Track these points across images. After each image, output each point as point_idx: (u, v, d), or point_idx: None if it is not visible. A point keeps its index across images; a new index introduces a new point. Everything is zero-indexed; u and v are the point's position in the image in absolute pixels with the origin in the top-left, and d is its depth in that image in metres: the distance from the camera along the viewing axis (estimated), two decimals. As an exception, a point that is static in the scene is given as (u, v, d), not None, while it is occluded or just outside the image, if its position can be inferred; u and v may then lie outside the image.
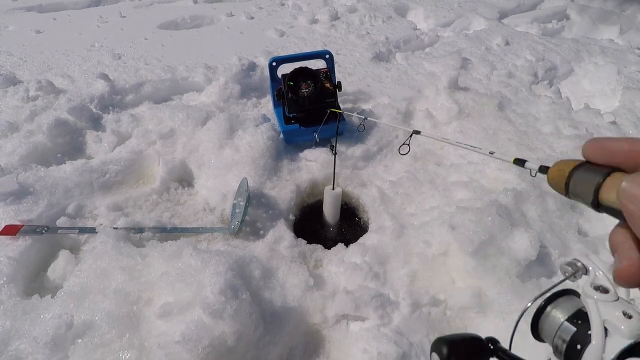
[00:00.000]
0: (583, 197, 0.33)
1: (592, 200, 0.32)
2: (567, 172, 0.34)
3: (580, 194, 0.33)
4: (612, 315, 0.35)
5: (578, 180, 0.33)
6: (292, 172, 1.70)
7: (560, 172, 0.35)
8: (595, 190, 0.31)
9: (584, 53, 2.74)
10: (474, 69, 2.49)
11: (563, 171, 0.35)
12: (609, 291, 0.37)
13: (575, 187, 0.34)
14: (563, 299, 0.41)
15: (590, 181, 0.32)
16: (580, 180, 0.33)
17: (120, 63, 2.33)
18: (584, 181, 0.33)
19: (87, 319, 1.02)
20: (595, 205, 0.32)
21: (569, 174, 0.34)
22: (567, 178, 0.34)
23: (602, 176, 0.31)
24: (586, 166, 0.34)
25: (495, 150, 1.72)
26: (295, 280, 1.26)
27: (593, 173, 0.32)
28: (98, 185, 1.55)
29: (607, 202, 0.31)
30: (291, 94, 1.66)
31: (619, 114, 2.09)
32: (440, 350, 0.38)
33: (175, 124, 1.76)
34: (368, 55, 2.58)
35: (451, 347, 0.37)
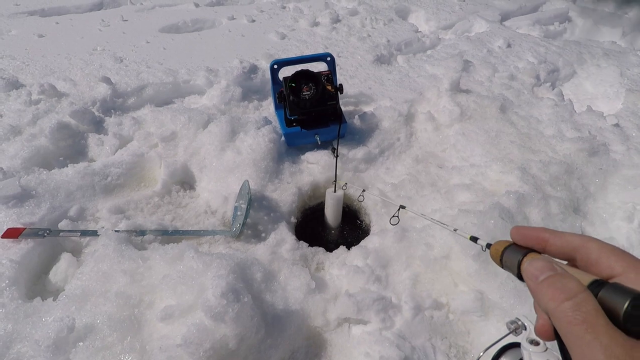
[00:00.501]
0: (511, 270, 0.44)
1: (517, 273, 0.43)
2: (500, 251, 0.46)
3: (510, 268, 0.45)
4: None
5: (507, 258, 0.45)
6: (293, 174, 1.69)
7: (496, 251, 0.47)
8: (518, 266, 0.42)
9: (586, 55, 2.74)
10: (475, 71, 2.49)
11: (498, 251, 0.47)
12: (539, 344, 0.51)
13: (506, 263, 0.45)
14: (511, 351, 0.55)
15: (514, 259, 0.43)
16: (508, 258, 0.45)
17: (122, 66, 2.34)
18: (510, 259, 0.44)
19: (88, 322, 1.02)
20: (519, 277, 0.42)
21: (501, 253, 0.46)
22: (501, 255, 0.46)
23: (521, 255, 0.42)
24: (512, 247, 0.45)
25: (498, 153, 1.72)
26: (296, 283, 1.26)
27: (515, 253, 0.44)
28: (100, 188, 1.55)
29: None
30: (292, 97, 1.66)
31: (622, 116, 2.08)
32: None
33: (177, 126, 1.77)
34: (369, 58, 2.58)
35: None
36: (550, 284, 0.36)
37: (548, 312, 0.35)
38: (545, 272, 0.38)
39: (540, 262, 0.39)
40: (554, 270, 0.38)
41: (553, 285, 0.36)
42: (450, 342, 1.21)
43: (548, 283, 0.36)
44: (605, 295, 0.34)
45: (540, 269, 0.38)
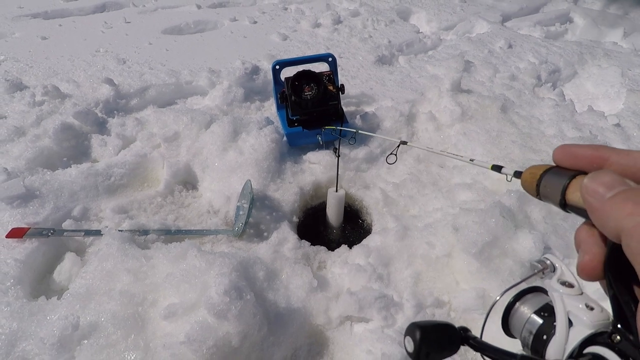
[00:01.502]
0: (552, 198, 0.36)
1: (559, 200, 0.35)
2: (537, 175, 0.37)
3: (549, 196, 0.36)
4: (575, 308, 0.37)
5: (547, 182, 0.36)
6: (295, 174, 1.70)
7: (532, 176, 0.38)
8: (562, 192, 0.34)
9: (587, 56, 2.74)
10: (476, 71, 2.49)
11: (534, 175, 0.38)
12: (574, 286, 0.40)
13: (545, 189, 0.37)
14: (531, 295, 0.44)
15: (557, 183, 0.35)
16: (549, 183, 0.36)
17: (125, 68, 2.35)
18: (552, 184, 0.36)
19: (92, 320, 1.03)
20: (562, 205, 0.35)
21: (539, 177, 0.37)
22: (538, 181, 0.37)
23: (568, 178, 0.34)
24: (554, 170, 0.36)
25: (499, 153, 1.72)
26: (299, 282, 1.26)
27: (560, 176, 0.35)
28: (103, 188, 1.57)
29: (573, 202, 0.34)
30: (294, 97, 1.67)
31: (623, 117, 2.08)
32: (414, 335, 0.39)
33: (180, 127, 1.78)
34: (371, 59, 2.59)
35: (424, 332, 0.38)
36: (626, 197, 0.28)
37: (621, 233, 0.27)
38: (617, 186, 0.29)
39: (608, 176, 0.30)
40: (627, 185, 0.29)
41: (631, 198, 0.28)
42: (452, 340, 1.21)
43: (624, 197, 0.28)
44: None
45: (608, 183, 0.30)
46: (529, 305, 0.43)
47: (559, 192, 0.35)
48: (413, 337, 0.39)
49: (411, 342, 0.39)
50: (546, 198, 0.37)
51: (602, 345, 0.32)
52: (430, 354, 0.38)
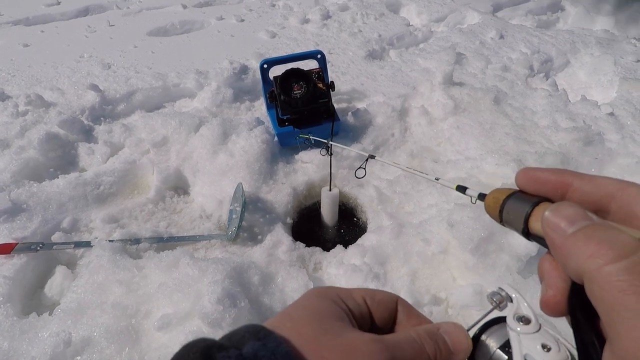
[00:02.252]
0: (515, 226, 0.34)
1: (522, 229, 0.33)
2: (500, 200, 0.35)
3: (512, 223, 0.34)
4: (532, 349, 0.35)
5: (510, 209, 0.34)
6: (288, 174, 1.68)
7: (495, 201, 0.36)
8: (525, 220, 0.32)
9: (579, 44, 2.73)
10: (468, 63, 2.47)
11: (497, 200, 0.36)
12: (531, 321, 0.37)
13: (508, 216, 0.35)
14: (497, 327, 0.41)
15: (520, 211, 0.33)
16: (511, 210, 0.34)
17: (110, 73, 2.31)
18: (515, 210, 0.34)
19: (85, 335, 1.01)
20: (525, 234, 0.33)
21: (502, 203, 0.35)
22: (501, 206, 0.35)
23: (530, 206, 0.32)
24: (517, 195, 0.34)
25: (493, 146, 1.71)
26: (294, 285, 1.24)
27: (523, 203, 0.33)
28: (92, 197, 1.54)
29: (536, 231, 0.32)
30: (283, 96, 1.64)
31: (616, 105, 2.07)
32: None
33: (168, 131, 1.75)
34: (361, 54, 2.56)
35: None
36: (589, 235, 0.26)
37: (582, 275, 0.26)
38: (579, 221, 0.27)
39: (570, 209, 0.28)
40: (590, 220, 0.28)
41: (594, 237, 0.26)
42: (451, 337, 1.20)
43: (586, 235, 0.26)
44: None
45: (570, 218, 0.28)
46: (495, 339, 0.40)
47: (522, 220, 0.33)
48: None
49: None
50: (509, 225, 0.35)
51: None
52: None
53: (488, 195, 0.38)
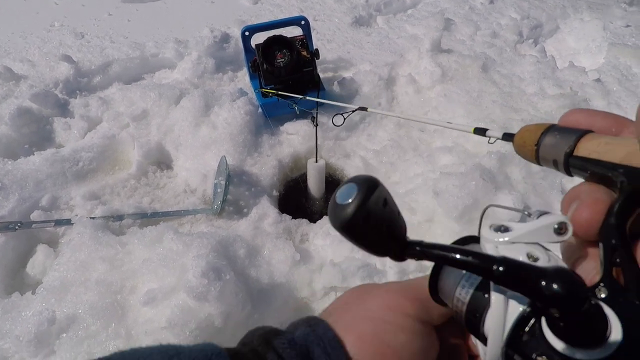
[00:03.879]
0: (556, 154, 0.31)
1: (564, 167, 0.30)
2: (540, 131, 0.32)
3: (553, 152, 0.31)
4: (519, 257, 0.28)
5: (549, 143, 0.31)
6: (273, 147, 1.65)
7: (529, 136, 0.33)
8: (573, 144, 0.29)
9: (569, 9, 2.67)
10: (457, 30, 2.41)
11: (531, 136, 0.33)
12: (511, 229, 0.29)
13: (548, 146, 0.32)
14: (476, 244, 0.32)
15: (566, 138, 0.30)
16: (551, 143, 0.31)
17: (83, 42, 2.19)
18: (558, 139, 0.31)
19: (70, 313, 1.00)
20: (568, 159, 0.30)
21: (542, 133, 0.32)
22: (537, 141, 0.32)
23: (577, 135, 0.30)
24: (556, 128, 0.32)
25: (480, 114, 1.70)
26: (281, 257, 1.25)
27: (566, 134, 0.30)
28: (71, 174, 1.49)
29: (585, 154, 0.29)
30: (266, 65, 1.59)
31: (603, 71, 2.06)
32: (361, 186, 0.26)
33: (148, 104, 1.69)
34: (347, 20, 2.48)
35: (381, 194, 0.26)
36: None
37: None
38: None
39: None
40: None
41: None
42: (436, 303, 1.23)
43: None
44: None
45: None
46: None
47: (564, 153, 0.30)
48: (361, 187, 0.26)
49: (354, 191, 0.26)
50: (547, 161, 0.32)
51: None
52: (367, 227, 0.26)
53: (518, 133, 0.35)
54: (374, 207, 0.26)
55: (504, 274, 0.24)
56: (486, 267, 0.24)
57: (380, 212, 0.27)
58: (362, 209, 0.25)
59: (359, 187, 0.26)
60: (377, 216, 0.26)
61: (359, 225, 0.26)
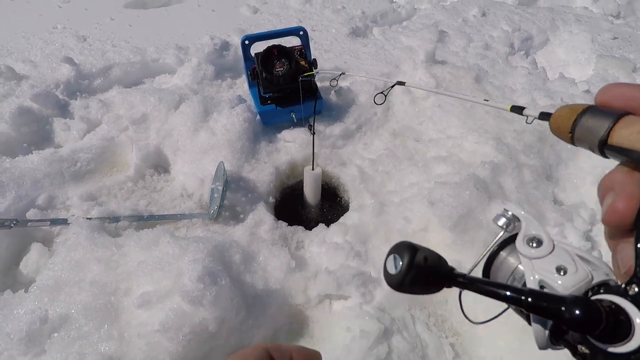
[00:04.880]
0: (589, 141, 0.31)
1: (598, 147, 0.30)
2: (574, 115, 0.32)
3: (588, 139, 0.31)
4: (546, 274, 0.32)
5: (586, 123, 0.31)
6: (270, 153, 1.67)
7: (566, 117, 0.33)
8: (607, 133, 0.30)
9: (559, 22, 2.74)
10: (450, 41, 2.46)
11: (569, 115, 0.33)
12: (543, 242, 0.33)
13: (582, 131, 0.32)
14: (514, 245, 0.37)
15: (600, 124, 0.30)
16: (588, 124, 0.31)
17: (85, 45, 2.21)
18: (592, 124, 0.31)
19: (62, 313, 1.00)
20: (602, 147, 0.30)
21: (576, 118, 0.32)
22: (574, 123, 0.32)
23: (614, 118, 0.30)
24: (594, 109, 0.31)
25: (473, 124, 1.72)
26: (276, 263, 1.26)
27: (603, 115, 0.30)
28: (69, 174, 1.50)
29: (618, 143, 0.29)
30: (265, 74, 1.61)
31: (592, 83, 2.11)
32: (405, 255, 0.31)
33: (147, 108, 1.70)
34: (344, 31, 2.52)
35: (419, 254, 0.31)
36: None
37: None
38: None
39: None
40: None
41: None
42: (429, 311, 1.24)
43: None
44: None
45: None
46: (515, 257, 0.37)
47: (601, 134, 0.30)
48: (402, 256, 0.31)
49: (399, 261, 0.31)
50: (582, 142, 0.32)
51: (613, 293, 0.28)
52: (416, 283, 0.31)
53: (555, 112, 0.34)
54: (418, 269, 0.31)
55: (531, 305, 0.29)
56: (517, 299, 0.29)
57: (424, 268, 0.31)
58: (409, 276, 0.31)
59: (401, 257, 0.31)
60: (423, 273, 0.31)
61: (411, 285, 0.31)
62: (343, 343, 1.06)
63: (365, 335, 1.05)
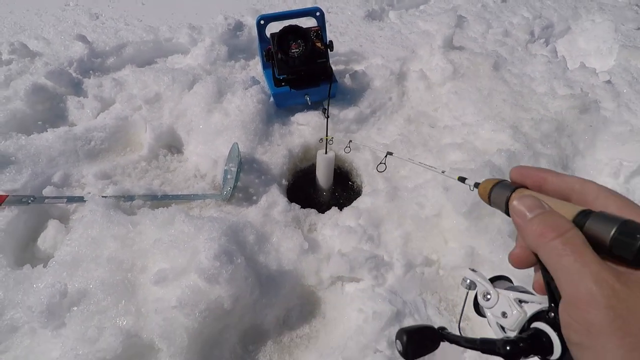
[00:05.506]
0: (499, 207, 0.44)
1: (505, 210, 0.43)
2: (489, 188, 0.46)
3: (497, 205, 0.45)
4: (499, 318, 0.45)
5: (495, 194, 0.45)
6: (283, 136, 1.66)
7: (484, 189, 0.46)
8: (506, 203, 0.43)
9: (581, 10, 2.66)
10: (469, 27, 2.41)
11: (486, 188, 0.46)
12: (491, 296, 0.46)
13: (494, 200, 0.45)
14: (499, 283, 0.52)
15: (502, 195, 0.43)
16: (497, 195, 0.44)
17: (98, 23, 2.20)
18: (498, 195, 0.44)
19: (81, 287, 1.02)
20: (507, 214, 0.43)
21: (490, 189, 0.45)
22: (489, 192, 0.45)
23: (510, 191, 0.43)
24: (502, 183, 0.45)
25: (490, 112, 1.70)
26: (289, 244, 1.26)
27: (505, 189, 0.43)
28: (83, 153, 1.51)
29: None
30: (281, 54, 1.59)
31: (614, 73, 2.06)
32: (402, 339, 0.45)
33: (161, 88, 1.69)
34: (360, 14, 2.47)
35: (409, 335, 0.45)
36: (539, 221, 0.37)
37: (536, 249, 0.37)
38: (535, 209, 0.38)
39: (529, 200, 0.39)
40: (543, 208, 0.38)
41: (543, 222, 0.37)
42: (440, 296, 1.25)
43: (538, 220, 0.37)
44: (592, 224, 0.35)
45: (529, 207, 0.39)
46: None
47: (504, 203, 0.43)
48: (401, 340, 0.45)
49: (399, 344, 0.45)
50: (496, 205, 0.45)
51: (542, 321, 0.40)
52: (416, 352, 0.45)
53: (481, 184, 0.47)
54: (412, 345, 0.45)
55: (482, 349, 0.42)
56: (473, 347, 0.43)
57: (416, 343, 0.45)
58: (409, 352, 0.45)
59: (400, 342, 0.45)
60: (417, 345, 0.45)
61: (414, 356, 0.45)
62: (356, 324, 1.07)
63: (377, 316, 1.06)
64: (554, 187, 0.41)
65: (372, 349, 1.04)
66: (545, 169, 0.43)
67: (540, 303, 0.43)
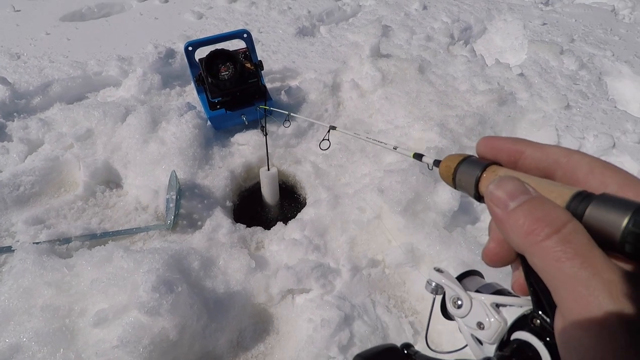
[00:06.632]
0: (467, 189, 0.34)
1: (474, 194, 0.34)
2: (453, 167, 0.35)
3: (465, 187, 0.35)
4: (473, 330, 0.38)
5: (462, 174, 0.35)
6: (224, 158, 1.67)
7: (447, 168, 0.36)
8: (475, 185, 0.33)
9: (494, 11, 2.90)
10: (394, 35, 2.54)
11: (449, 166, 0.36)
12: (463, 302, 0.39)
13: (460, 181, 0.35)
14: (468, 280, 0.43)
15: (470, 175, 0.34)
16: (463, 174, 0.35)
17: (19, 63, 2.11)
18: (466, 175, 0.34)
19: (13, 342, 0.97)
20: (476, 198, 0.34)
21: (455, 169, 0.35)
22: (454, 172, 0.35)
23: (480, 170, 0.33)
24: (469, 160, 0.35)
25: (419, 113, 1.79)
26: (236, 265, 1.27)
27: (473, 167, 0.34)
28: (11, 200, 1.43)
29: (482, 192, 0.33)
30: (211, 78, 1.61)
31: (525, 66, 2.25)
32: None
33: (92, 123, 1.65)
34: (291, 31, 2.55)
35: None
36: (527, 213, 0.27)
37: (524, 250, 0.28)
38: (518, 196, 0.28)
39: (510, 183, 0.29)
40: (529, 193, 0.29)
41: (531, 214, 0.27)
42: (388, 294, 1.30)
43: (524, 212, 0.28)
44: (595, 212, 0.26)
45: (510, 193, 0.29)
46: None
47: (472, 185, 0.33)
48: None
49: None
50: (462, 189, 0.35)
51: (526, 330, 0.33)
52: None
53: (442, 162, 0.37)
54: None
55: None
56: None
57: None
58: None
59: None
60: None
61: None
62: (306, 334, 1.09)
63: (326, 324, 1.09)
64: (534, 161, 0.32)
65: (324, 356, 1.06)
66: (520, 139, 0.34)
67: (521, 306, 0.35)
